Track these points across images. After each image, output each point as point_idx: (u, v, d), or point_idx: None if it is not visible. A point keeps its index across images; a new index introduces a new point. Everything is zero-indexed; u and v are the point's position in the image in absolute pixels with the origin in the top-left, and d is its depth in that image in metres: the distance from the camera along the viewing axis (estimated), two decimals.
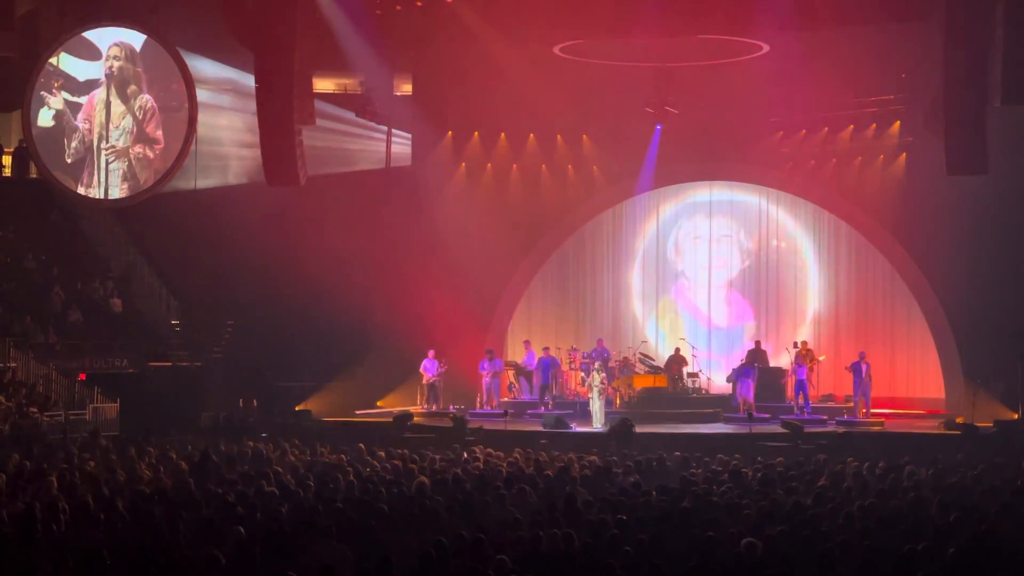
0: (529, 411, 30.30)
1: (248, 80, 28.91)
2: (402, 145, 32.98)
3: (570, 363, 31.86)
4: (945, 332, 30.64)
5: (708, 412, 29.72)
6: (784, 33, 28.13)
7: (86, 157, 30.37)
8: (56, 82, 29.96)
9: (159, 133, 29.82)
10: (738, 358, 31.00)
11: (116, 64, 29.92)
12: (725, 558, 12.89)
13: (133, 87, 29.87)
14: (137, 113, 30.07)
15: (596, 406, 28.22)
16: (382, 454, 22.00)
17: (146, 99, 29.97)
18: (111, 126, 29.97)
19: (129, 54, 29.89)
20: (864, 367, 29.02)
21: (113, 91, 30.04)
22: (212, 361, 30.56)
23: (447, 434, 26.21)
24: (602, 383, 28.50)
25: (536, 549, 13.33)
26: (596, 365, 29.07)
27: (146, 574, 11.87)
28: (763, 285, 33.51)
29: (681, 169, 32.80)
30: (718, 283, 33.80)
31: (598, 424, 27.88)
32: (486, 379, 31.05)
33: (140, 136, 29.87)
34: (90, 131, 30.15)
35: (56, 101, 30.20)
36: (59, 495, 16.45)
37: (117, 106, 30.19)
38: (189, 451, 21.94)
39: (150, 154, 30.04)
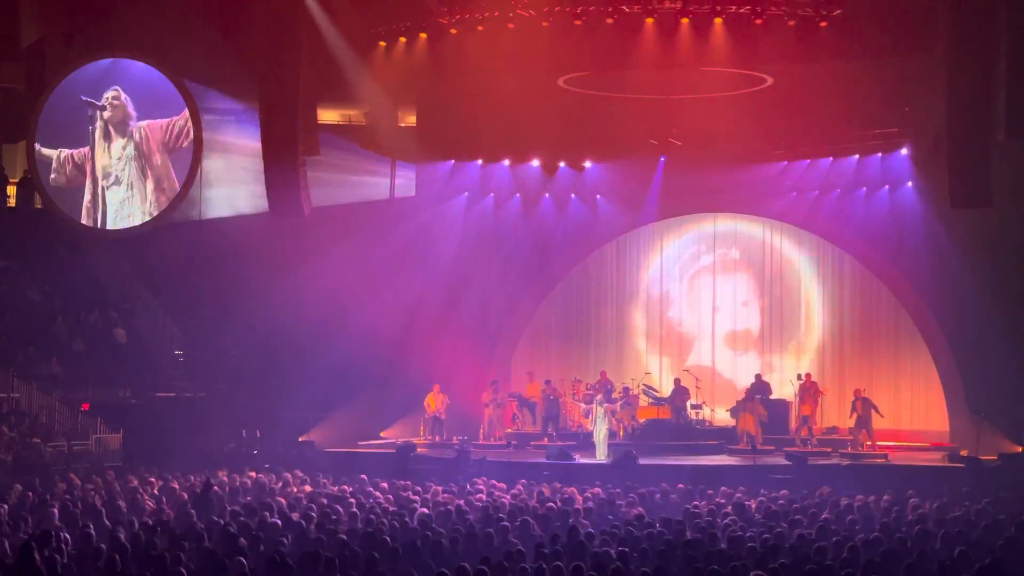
0: (532, 442, 30.23)
1: (253, 111, 29.00)
2: (406, 176, 33.01)
3: (573, 395, 31.81)
4: (949, 364, 30.59)
5: (712, 444, 29.64)
6: (788, 66, 28.19)
7: (91, 189, 30.54)
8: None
9: (157, 154, 30.04)
10: (742, 389, 30.94)
11: (114, 103, 30.18)
12: None
13: (127, 123, 30.16)
14: (135, 137, 30.28)
15: (599, 438, 28.16)
16: (385, 485, 21.98)
17: (143, 124, 30.19)
18: (114, 159, 30.18)
19: (126, 97, 30.17)
20: (859, 405, 28.96)
21: (111, 129, 30.26)
22: (215, 392, 30.53)
23: (450, 465, 26.16)
24: (605, 415, 28.43)
25: None
26: (598, 397, 29.02)
27: None
28: (766, 316, 33.48)
29: (685, 201, 32.79)
30: (721, 314, 33.76)
31: (601, 456, 27.81)
32: (489, 410, 31.02)
33: (141, 159, 30.06)
34: (94, 167, 30.36)
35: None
36: (61, 526, 16.44)
37: (117, 141, 30.37)
38: (191, 482, 21.92)
39: (150, 171, 30.23)
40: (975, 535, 16.31)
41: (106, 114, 30.38)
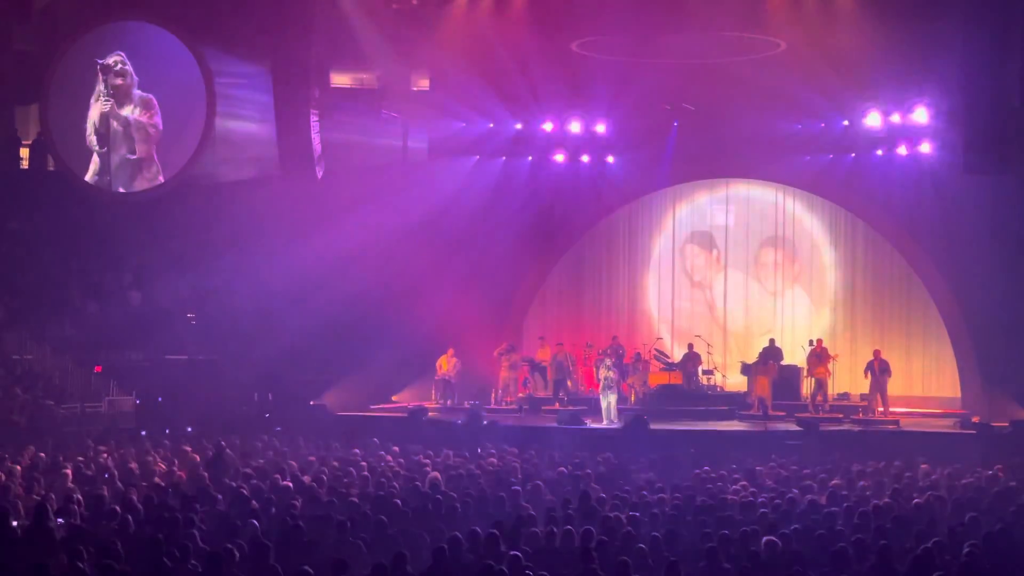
0: (544, 407, 30.25)
1: (266, 74, 28.93)
2: (418, 139, 32.94)
3: (585, 359, 31.80)
4: (962, 331, 30.53)
5: (723, 409, 29.64)
6: (802, 30, 28.05)
7: (103, 153, 30.55)
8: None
9: (157, 119, 30.06)
10: (754, 355, 30.90)
11: (120, 68, 30.15)
12: (739, 556, 12.89)
13: (131, 88, 30.15)
14: (144, 101, 30.31)
15: (607, 402, 28.04)
16: (396, 449, 22.03)
17: (146, 95, 30.24)
18: (123, 124, 30.22)
19: (129, 60, 30.16)
20: (877, 365, 28.92)
21: (118, 95, 30.27)
22: (228, 355, 30.59)
23: (462, 429, 26.20)
24: (615, 379, 28.34)
25: (550, 546, 13.35)
26: (608, 362, 28.87)
27: (160, 567, 11.89)
28: (779, 282, 33.44)
29: (698, 165, 32.71)
30: (734, 280, 33.72)
31: (608, 420, 27.74)
32: (503, 373, 30.98)
33: (152, 124, 30.07)
34: (107, 132, 30.38)
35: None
36: (74, 487, 16.52)
37: (125, 107, 30.36)
38: (204, 445, 21.99)
39: (161, 136, 30.23)
40: (986, 502, 16.33)
41: (114, 80, 30.32)
